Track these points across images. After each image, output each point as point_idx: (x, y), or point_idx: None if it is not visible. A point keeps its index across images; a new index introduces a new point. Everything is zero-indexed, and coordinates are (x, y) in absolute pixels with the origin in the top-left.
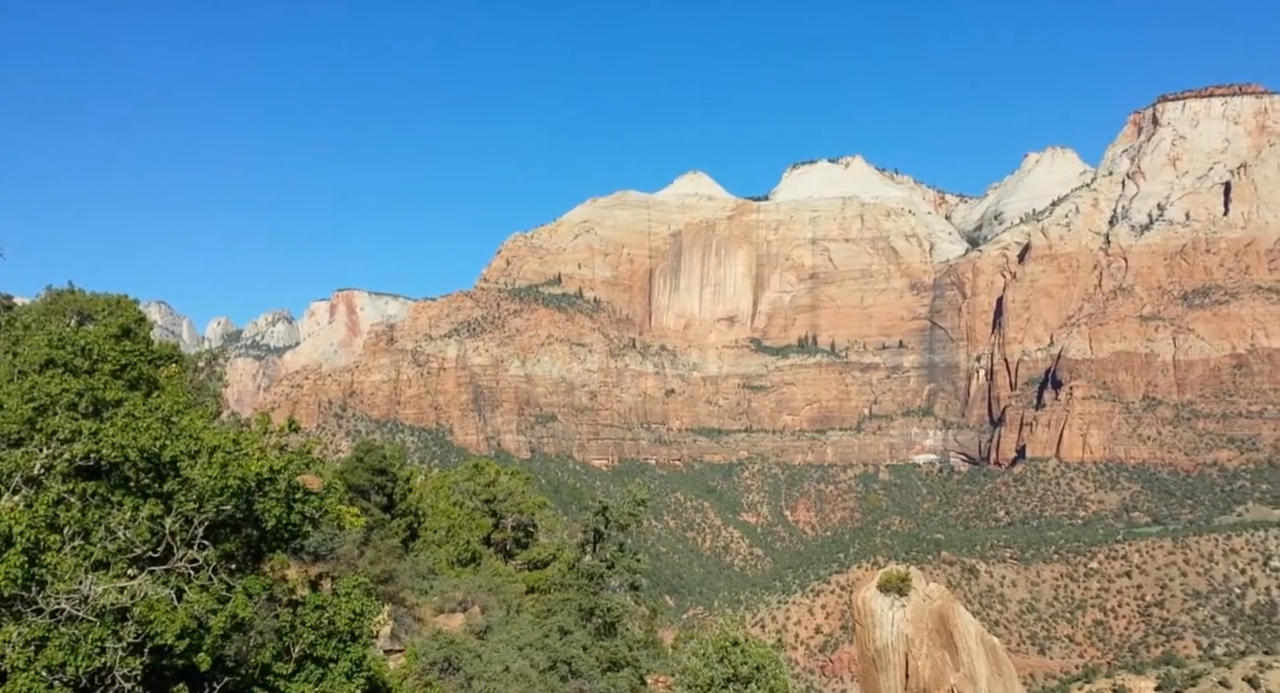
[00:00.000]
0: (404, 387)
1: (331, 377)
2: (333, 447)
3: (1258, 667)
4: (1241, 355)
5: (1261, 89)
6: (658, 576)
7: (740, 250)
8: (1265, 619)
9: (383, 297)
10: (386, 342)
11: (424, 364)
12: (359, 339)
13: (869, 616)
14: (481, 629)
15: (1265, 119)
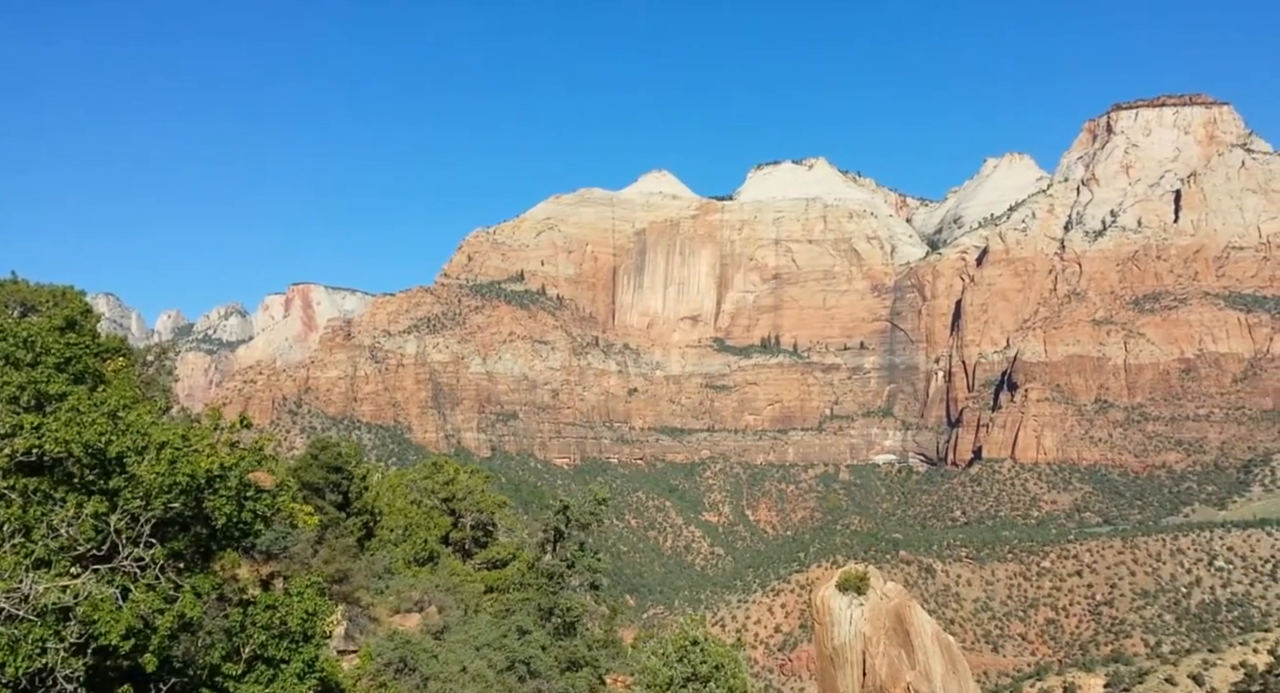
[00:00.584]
0: (361, 383)
1: (286, 372)
2: (287, 444)
3: (1202, 664)
4: (1189, 360)
5: (1210, 99)
6: (618, 575)
7: (704, 250)
8: (1210, 618)
9: (340, 291)
10: (344, 337)
11: (382, 360)
12: (315, 334)
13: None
14: (438, 629)
15: (1214, 129)
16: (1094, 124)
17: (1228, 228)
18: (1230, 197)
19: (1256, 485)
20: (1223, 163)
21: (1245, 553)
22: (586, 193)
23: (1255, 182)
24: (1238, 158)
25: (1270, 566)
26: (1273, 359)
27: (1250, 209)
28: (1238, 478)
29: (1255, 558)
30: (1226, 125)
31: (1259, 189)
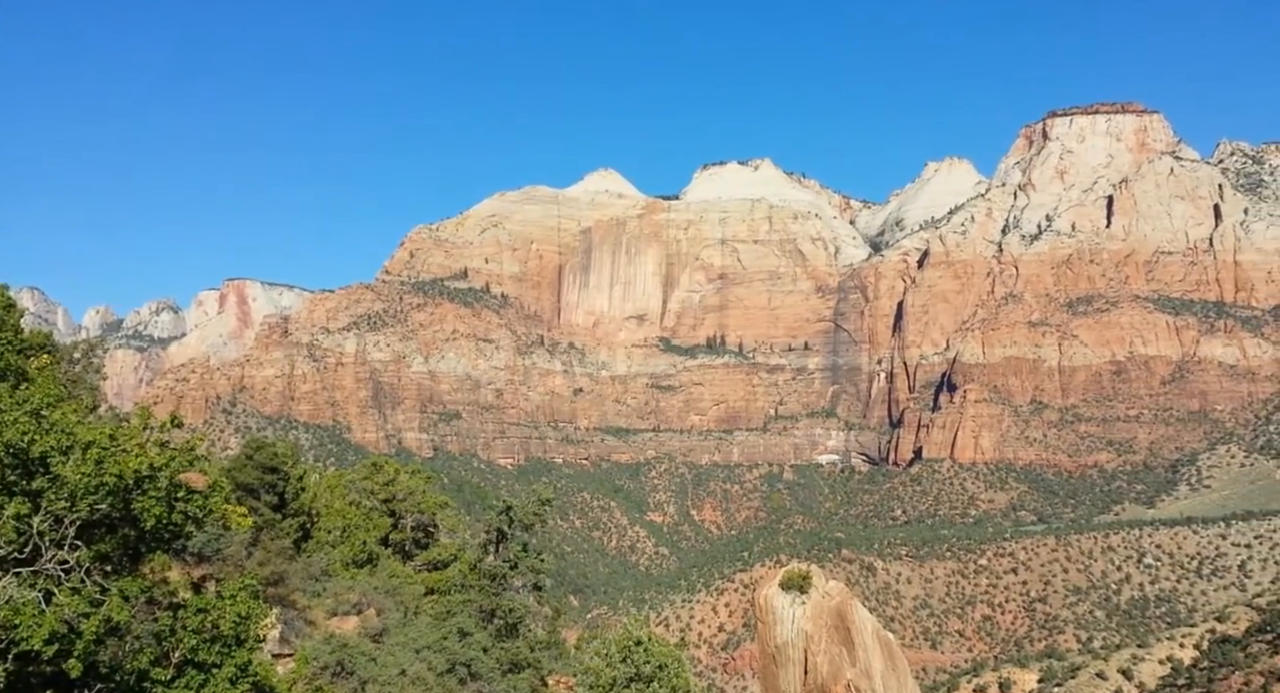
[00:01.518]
0: (299, 381)
1: (220, 370)
2: (220, 443)
3: (1131, 659)
4: (1120, 361)
5: (1142, 108)
6: (562, 575)
7: (650, 249)
8: (1139, 613)
9: (277, 288)
10: (280, 334)
11: (321, 358)
12: (251, 331)
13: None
14: (377, 632)
15: (1145, 136)
16: (1031, 130)
17: (1157, 233)
18: (1160, 203)
19: (1183, 485)
20: (1152, 170)
21: (1172, 550)
22: (532, 191)
23: (1183, 188)
24: (1167, 165)
25: (1196, 562)
26: (1199, 362)
27: (1178, 215)
28: (1166, 477)
29: (1182, 555)
30: (1157, 133)
31: (1186, 196)
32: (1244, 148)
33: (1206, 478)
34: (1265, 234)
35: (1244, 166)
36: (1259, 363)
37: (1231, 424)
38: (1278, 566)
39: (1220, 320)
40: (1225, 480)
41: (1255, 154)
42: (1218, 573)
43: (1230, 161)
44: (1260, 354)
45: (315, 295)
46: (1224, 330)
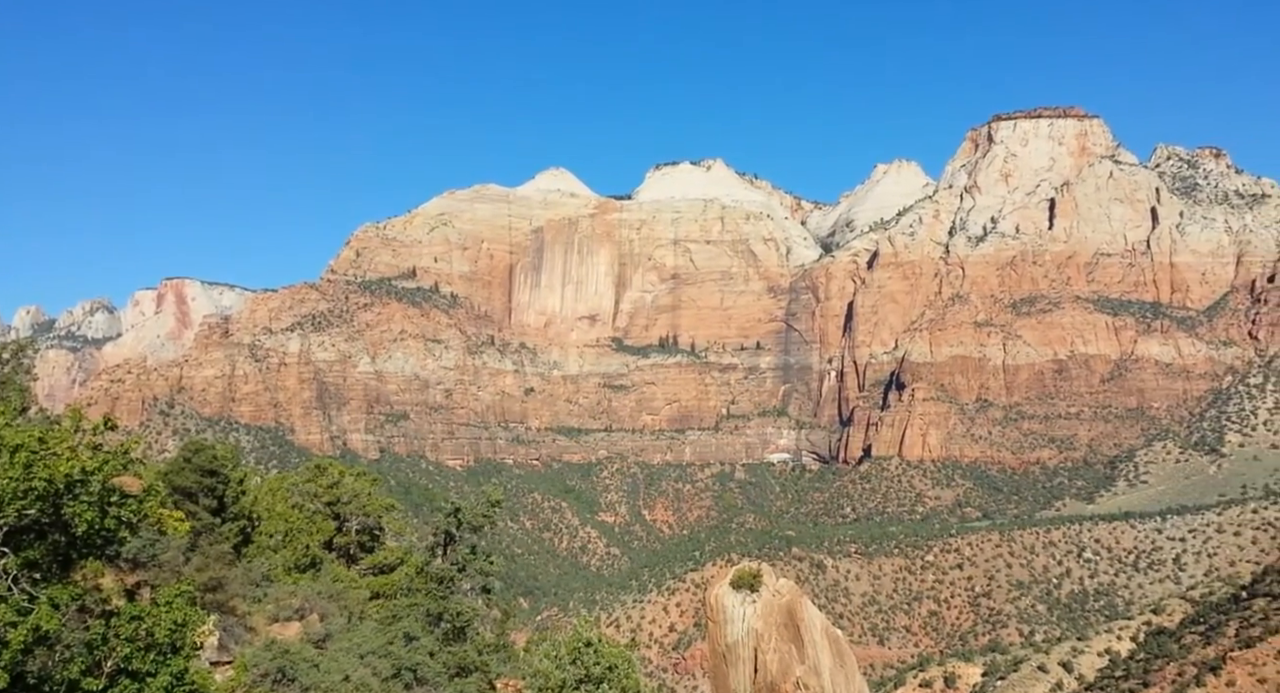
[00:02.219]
0: (240, 383)
1: (158, 371)
2: (157, 446)
3: (1071, 651)
4: (1062, 361)
5: (1083, 112)
6: (512, 577)
7: (603, 249)
8: (1079, 607)
9: (217, 287)
10: (221, 334)
11: (263, 359)
12: (190, 332)
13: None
14: (320, 638)
15: (1085, 140)
16: (976, 133)
17: (1097, 235)
18: (1099, 206)
19: (1121, 481)
20: (1093, 173)
21: (1111, 545)
22: (482, 189)
23: (1122, 192)
24: (1106, 169)
25: (1133, 557)
26: (1137, 360)
27: (1117, 218)
28: (1104, 473)
29: (1120, 549)
30: (1097, 137)
31: (1125, 199)
32: (1179, 152)
33: (1143, 474)
34: (1199, 236)
35: (1179, 170)
36: (1193, 362)
37: (1167, 422)
38: (1210, 559)
39: (1157, 320)
40: (1161, 476)
41: (1190, 158)
42: (1154, 567)
43: (1166, 165)
44: (1194, 353)
45: (258, 295)
46: (1160, 330)
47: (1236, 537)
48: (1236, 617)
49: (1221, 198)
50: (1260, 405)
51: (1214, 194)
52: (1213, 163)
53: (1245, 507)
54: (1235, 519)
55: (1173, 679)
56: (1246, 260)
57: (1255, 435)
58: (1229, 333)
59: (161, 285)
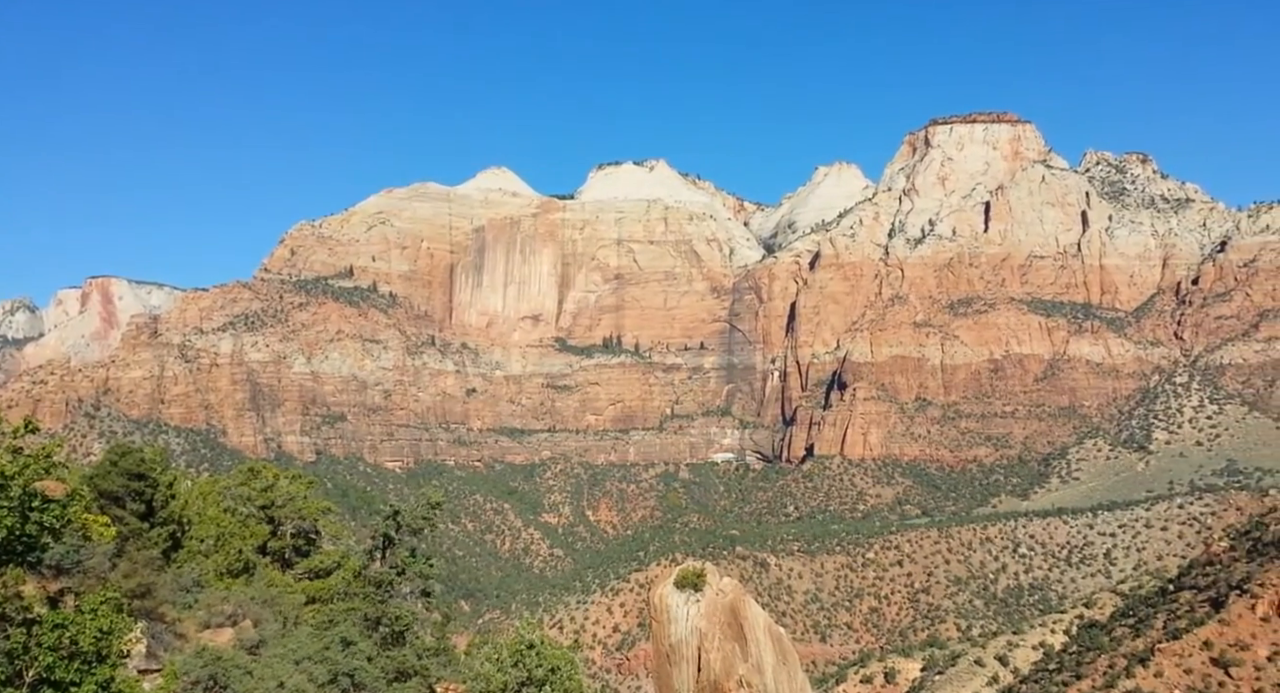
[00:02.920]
0: (170, 384)
1: (83, 372)
2: (82, 450)
3: (1007, 645)
4: (997, 361)
5: (1016, 118)
6: (453, 580)
7: (546, 249)
8: (1014, 601)
9: (145, 286)
10: (149, 334)
11: (193, 360)
12: (116, 332)
13: (665, 612)
14: (253, 644)
15: (1019, 145)
16: (914, 137)
17: (1030, 238)
18: (1032, 209)
19: (1055, 477)
20: (1026, 177)
21: (1045, 540)
22: (421, 187)
23: (1053, 195)
24: (1039, 173)
25: (1066, 552)
26: (1069, 360)
27: (1049, 221)
28: (1038, 471)
29: (1053, 545)
30: (1029, 142)
31: (1057, 203)
32: (1108, 157)
33: (1075, 471)
34: (1127, 240)
35: (1108, 175)
36: (1122, 361)
37: (1098, 420)
38: (1139, 554)
39: (1088, 321)
40: (1092, 473)
41: (1118, 163)
42: (1085, 561)
43: (1096, 170)
44: (1123, 353)
45: (188, 294)
46: (1091, 331)
47: (1164, 532)
48: (1164, 610)
49: (1148, 202)
50: (1186, 404)
51: (1141, 198)
52: (1140, 168)
53: (1172, 503)
54: (1162, 515)
55: (1104, 671)
56: (1172, 263)
57: (1181, 433)
58: (1156, 333)
59: (86, 284)
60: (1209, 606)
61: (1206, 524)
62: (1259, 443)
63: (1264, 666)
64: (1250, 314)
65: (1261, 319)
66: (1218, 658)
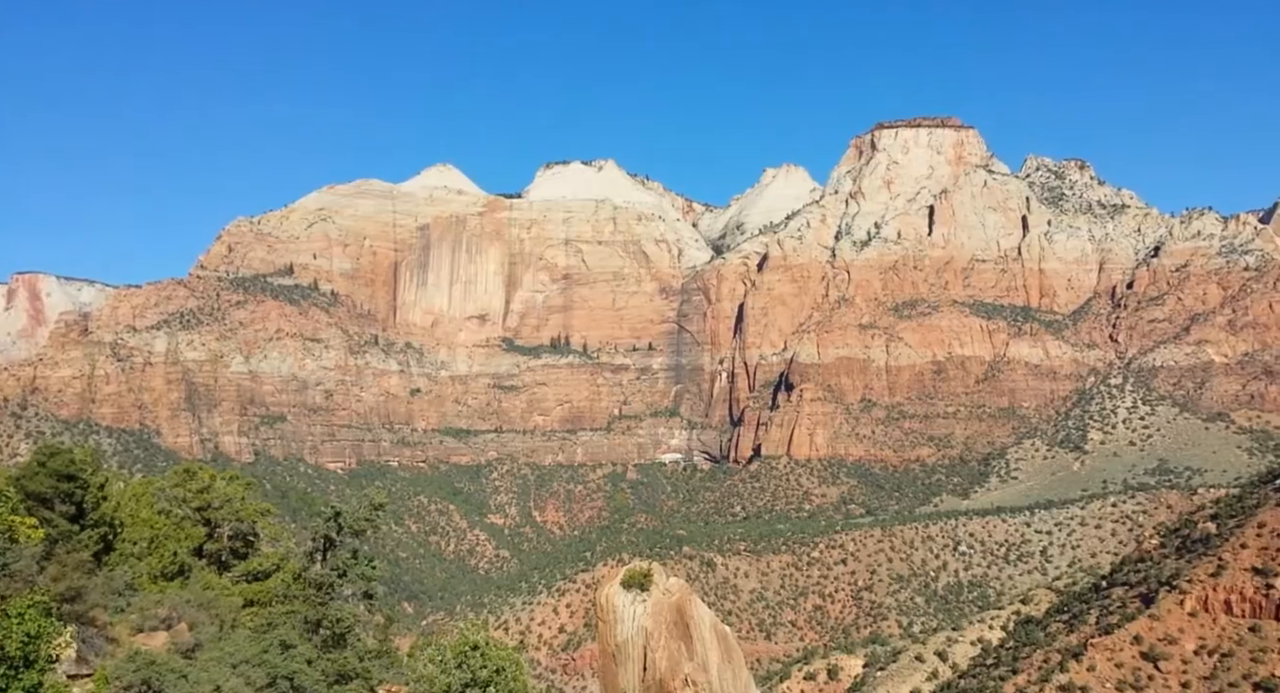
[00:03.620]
0: (101, 383)
1: (9, 371)
2: (8, 450)
3: (946, 641)
4: (940, 362)
5: (959, 123)
6: (396, 582)
7: (492, 248)
8: (954, 598)
9: (75, 282)
10: (79, 332)
11: (126, 358)
12: (44, 329)
13: (611, 612)
14: (189, 647)
15: (962, 150)
16: (860, 140)
17: (973, 242)
18: (975, 213)
19: (994, 477)
20: (968, 182)
21: (984, 538)
22: (364, 184)
23: (995, 200)
24: (981, 178)
25: (1004, 549)
26: (1008, 362)
27: (991, 225)
28: (979, 470)
29: (992, 543)
30: (972, 148)
31: (998, 207)
32: (1048, 163)
33: (1014, 470)
34: (1065, 244)
35: (1048, 181)
36: (1060, 363)
37: (1036, 420)
38: (1074, 551)
39: (1027, 323)
40: (1030, 472)
41: (1057, 169)
42: (1023, 559)
43: (1036, 176)
44: (1061, 355)
45: (120, 290)
46: (1030, 333)
47: (1098, 529)
48: (1097, 606)
49: (1086, 208)
50: (1120, 405)
51: (1079, 204)
52: (1078, 174)
53: (1105, 501)
54: (1096, 513)
55: (1039, 666)
56: (1108, 268)
57: (1115, 433)
58: (1092, 336)
59: (12, 280)
60: (1140, 601)
61: (1138, 522)
62: (1189, 443)
63: (1191, 659)
64: (1182, 318)
65: (1192, 323)
66: (1147, 652)
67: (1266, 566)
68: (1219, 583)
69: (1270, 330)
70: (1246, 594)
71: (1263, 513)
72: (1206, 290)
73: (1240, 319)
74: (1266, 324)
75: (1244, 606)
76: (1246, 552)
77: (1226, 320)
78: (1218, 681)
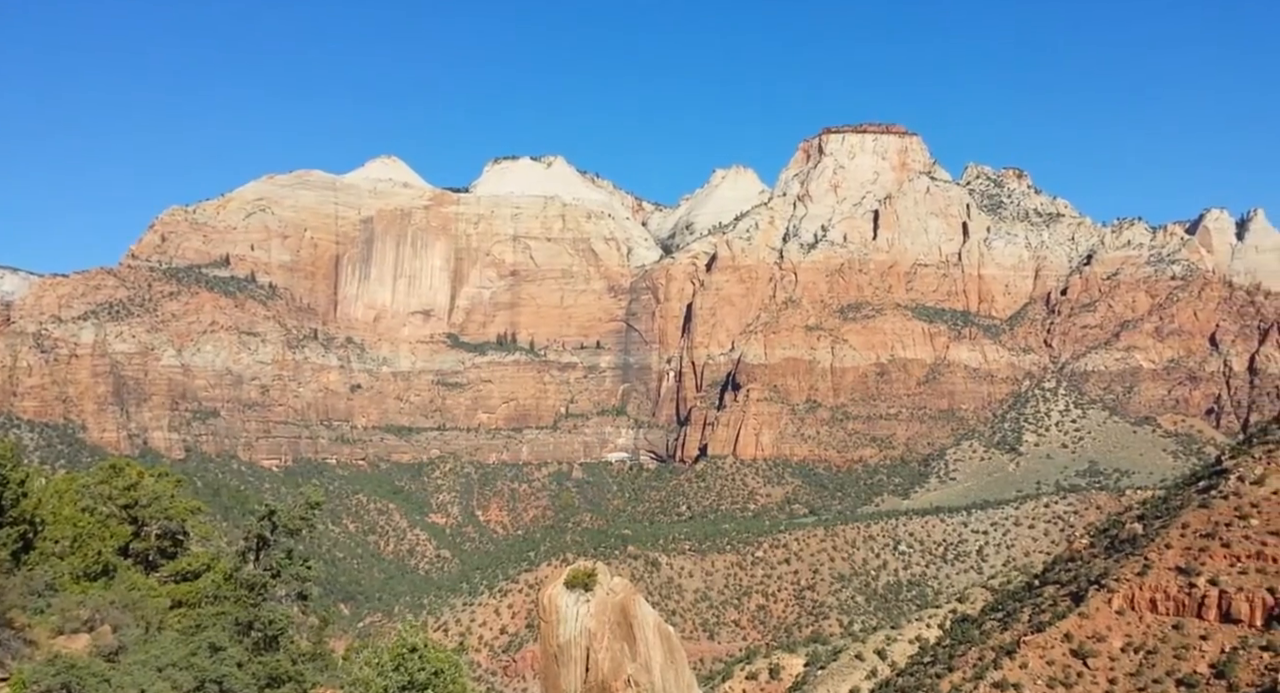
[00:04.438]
0: (23, 375)
1: None
2: None
3: (886, 640)
4: (884, 364)
5: (903, 130)
6: (333, 583)
7: (438, 242)
8: (894, 597)
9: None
10: (1, 322)
11: (50, 350)
12: None
13: (554, 612)
14: (112, 650)
15: (906, 156)
16: (808, 144)
17: (916, 246)
18: (918, 219)
19: (934, 477)
20: (912, 188)
21: (923, 538)
22: (305, 175)
23: (937, 206)
24: (923, 184)
25: (943, 549)
26: (949, 365)
27: (933, 231)
28: (919, 471)
29: (931, 542)
30: (915, 154)
31: (940, 213)
32: (987, 171)
33: (953, 471)
34: (1004, 251)
35: (987, 188)
36: (997, 367)
37: (974, 422)
38: (1009, 550)
39: (966, 327)
40: (968, 473)
41: (996, 177)
42: (960, 558)
43: (976, 183)
44: (998, 359)
45: (45, 279)
46: (969, 337)
47: (1031, 529)
48: (1030, 604)
49: (1023, 216)
50: (1053, 408)
51: (1016, 212)
52: (1015, 182)
53: (1039, 501)
54: (1030, 513)
55: (974, 663)
56: (1043, 274)
57: (1048, 436)
58: (1028, 341)
59: None
60: (1070, 600)
61: (1070, 522)
62: (1118, 446)
63: (1118, 656)
64: (1112, 324)
65: (1122, 329)
66: (1077, 650)
67: (1189, 565)
68: (1145, 582)
69: (1194, 338)
70: (1171, 593)
71: (1186, 514)
72: (1136, 298)
73: (1167, 326)
74: (1191, 332)
75: (1168, 604)
76: (1171, 552)
77: (1154, 327)
78: (1143, 677)
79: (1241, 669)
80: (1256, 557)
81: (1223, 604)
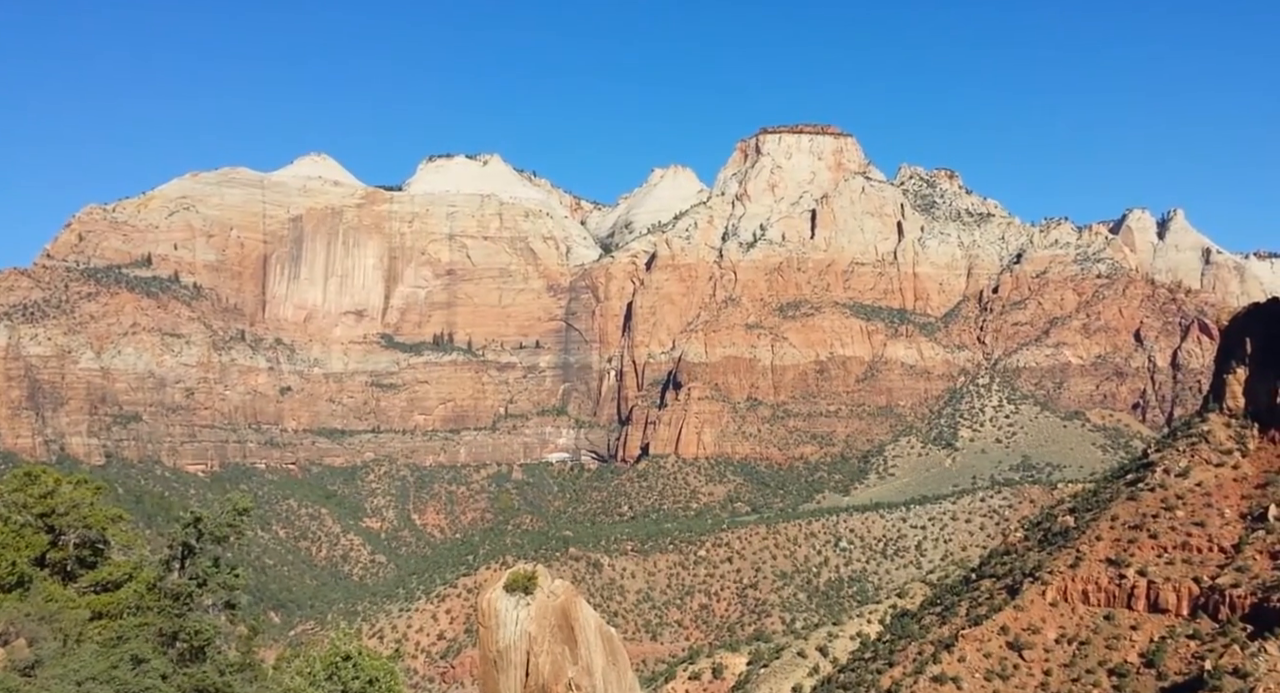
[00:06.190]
0: None
1: None
2: None
3: (828, 636)
4: (823, 362)
5: (839, 130)
6: (263, 591)
7: (371, 241)
8: (835, 594)
9: None
10: None
11: None
12: None
13: (493, 617)
14: (28, 664)
15: (841, 157)
16: (746, 144)
17: (853, 245)
18: (854, 218)
19: (873, 473)
20: (847, 188)
21: (864, 534)
22: (231, 172)
23: (872, 206)
24: (859, 184)
25: (882, 544)
26: (886, 362)
27: (869, 230)
28: (859, 467)
29: (871, 538)
30: (850, 155)
31: (875, 213)
32: (920, 172)
33: (891, 467)
34: (937, 250)
35: (920, 188)
36: (933, 364)
37: (911, 419)
38: (946, 545)
39: (903, 325)
40: (906, 469)
41: (929, 178)
42: (899, 553)
43: (909, 183)
44: (934, 356)
45: None
46: (906, 334)
47: (968, 524)
48: (967, 597)
49: (955, 216)
50: (987, 404)
51: (949, 212)
52: (947, 183)
53: (975, 496)
54: (967, 508)
55: (914, 658)
56: (976, 273)
57: (983, 431)
58: (962, 338)
59: None
60: (1006, 593)
61: (1004, 516)
62: (1049, 440)
63: (1052, 648)
64: (1042, 321)
65: (1051, 326)
66: (1013, 642)
67: (1119, 556)
68: (1077, 574)
69: (1120, 334)
70: (1102, 584)
71: (1115, 506)
72: (1064, 296)
73: (1093, 323)
74: (1116, 328)
75: (1100, 595)
76: (1101, 543)
77: (1081, 324)
78: (1076, 668)
79: (1170, 658)
80: (1182, 547)
81: (1151, 594)
